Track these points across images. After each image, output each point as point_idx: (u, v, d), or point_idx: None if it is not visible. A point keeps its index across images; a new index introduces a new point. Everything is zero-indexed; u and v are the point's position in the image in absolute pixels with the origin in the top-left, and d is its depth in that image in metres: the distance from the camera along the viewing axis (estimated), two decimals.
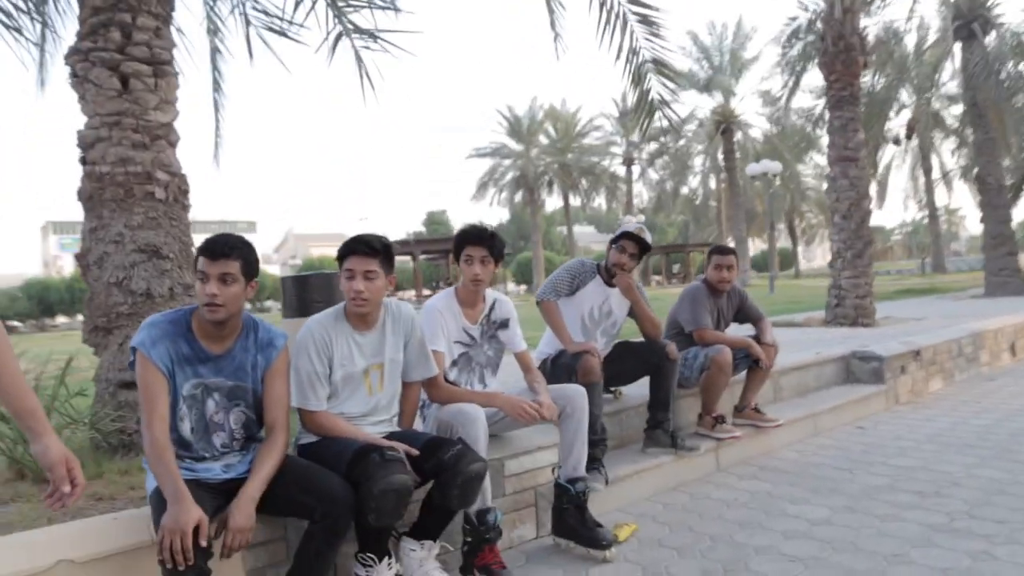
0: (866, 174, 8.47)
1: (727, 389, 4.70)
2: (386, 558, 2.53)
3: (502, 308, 3.39)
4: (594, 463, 3.57)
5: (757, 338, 4.48)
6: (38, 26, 5.45)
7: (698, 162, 38.70)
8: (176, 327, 2.42)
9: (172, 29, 4.09)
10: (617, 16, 5.10)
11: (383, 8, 5.42)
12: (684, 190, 40.49)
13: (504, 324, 3.39)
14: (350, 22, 5.43)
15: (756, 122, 50.65)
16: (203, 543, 2.07)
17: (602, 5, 5.09)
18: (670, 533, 3.34)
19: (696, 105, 40.13)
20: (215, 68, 6.76)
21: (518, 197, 49.03)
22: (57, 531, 2.37)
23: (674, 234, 75.67)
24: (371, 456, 2.43)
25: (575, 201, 49.52)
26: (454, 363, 3.25)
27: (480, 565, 2.76)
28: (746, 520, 3.43)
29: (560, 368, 3.78)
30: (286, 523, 2.60)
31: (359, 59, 5.59)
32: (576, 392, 3.19)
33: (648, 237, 3.90)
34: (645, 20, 5.22)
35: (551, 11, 5.57)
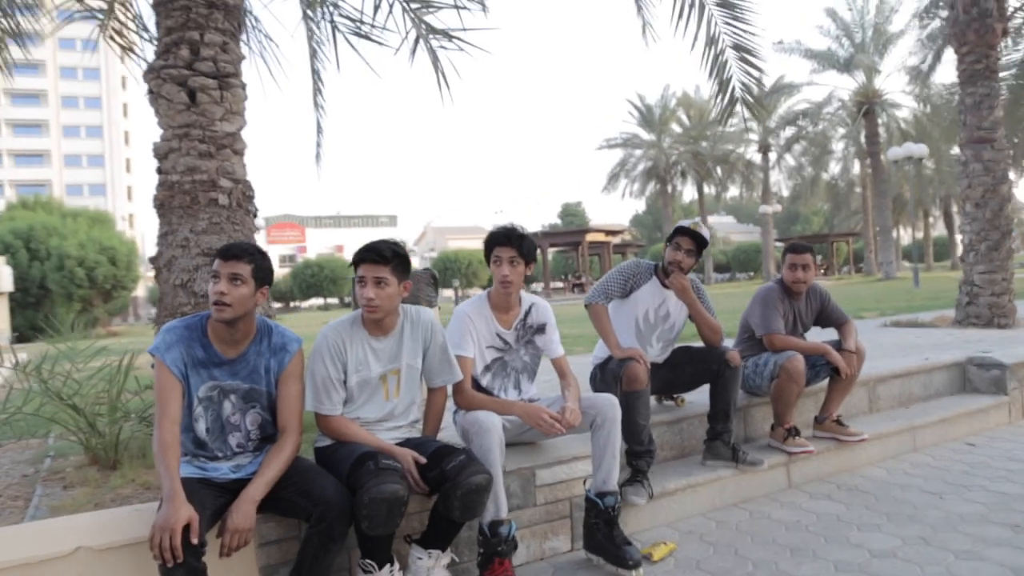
0: (1004, 156, 7.52)
1: (808, 398, 4.39)
2: (388, 565, 2.53)
3: (538, 313, 3.30)
4: (638, 476, 3.42)
5: (839, 344, 4.11)
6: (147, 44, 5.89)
7: (840, 147, 36.32)
8: (191, 332, 2.52)
9: (243, 41, 4.30)
10: (692, 2, 4.81)
11: (456, 7, 5.42)
12: (825, 176, 38.11)
13: (540, 329, 3.30)
14: (424, 23, 5.49)
15: (904, 102, 46.91)
16: (193, 541, 2.15)
17: None
18: (712, 555, 3.13)
19: (835, 86, 37.73)
20: (315, 75, 7.04)
21: (650, 188, 48.19)
22: (79, 520, 2.54)
23: (819, 223, 71.77)
24: (366, 464, 2.44)
25: (710, 190, 48.02)
26: (487, 368, 3.20)
27: None
28: (800, 545, 3.15)
29: (608, 374, 3.64)
30: (300, 522, 2.65)
31: (435, 59, 5.65)
32: (606, 402, 3.05)
33: (705, 233, 3.67)
34: (725, 3, 4.91)
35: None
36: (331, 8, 6.07)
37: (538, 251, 3.36)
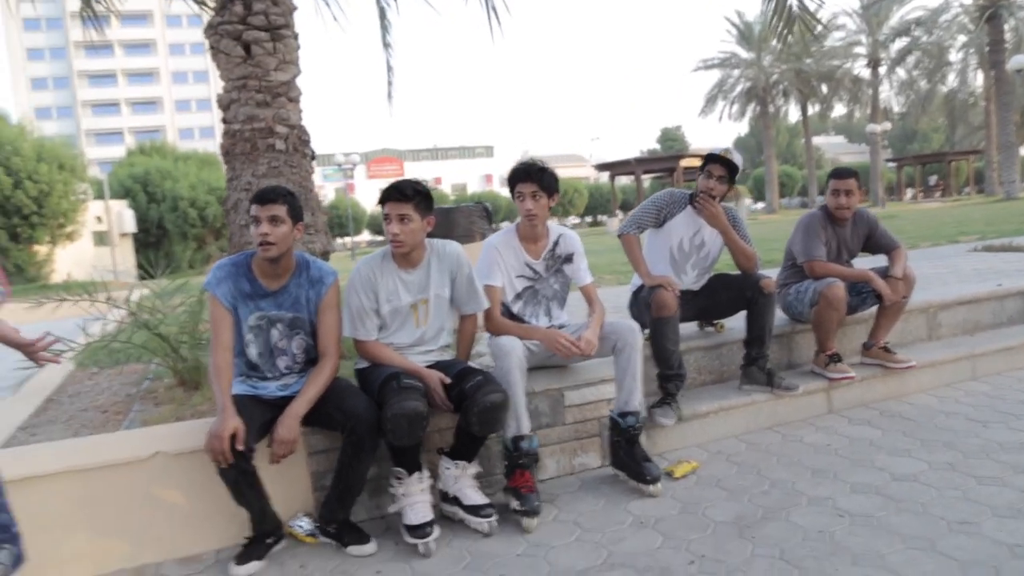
0: None
1: (859, 325, 4.36)
2: (417, 472, 2.81)
3: (566, 243, 3.44)
4: (667, 398, 3.56)
5: (888, 270, 4.04)
6: None
7: (959, 57, 33.42)
8: (237, 268, 2.82)
9: None
10: None
11: None
12: (942, 90, 35.28)
13: (568, 258, 3.44)
14: None
15: None
16: (238, 447, 2.48)
17: None
18: (735, 474, 3.26)
19: None
20: (381, 14, 7.16)
21: (750, 110, 46.05)
22: (158, 430, 2.96)
23: (940, 140, 66.88)
24: (391, 384, 2.70)
25: (814, 110, 45.42)
26: (519, 296, 3.38)
27: (511, 487, 2.94)
28: (823, 468, 3.23)
29: (640, 302, 3.76)
30: None
31: None
32: (626, 328, 3.19)
33: (737, 159, 3.67)
34: None
35: None
36: None
37: (632, 178, 3.46)
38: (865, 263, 4.30)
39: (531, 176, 3.18)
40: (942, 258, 7.57)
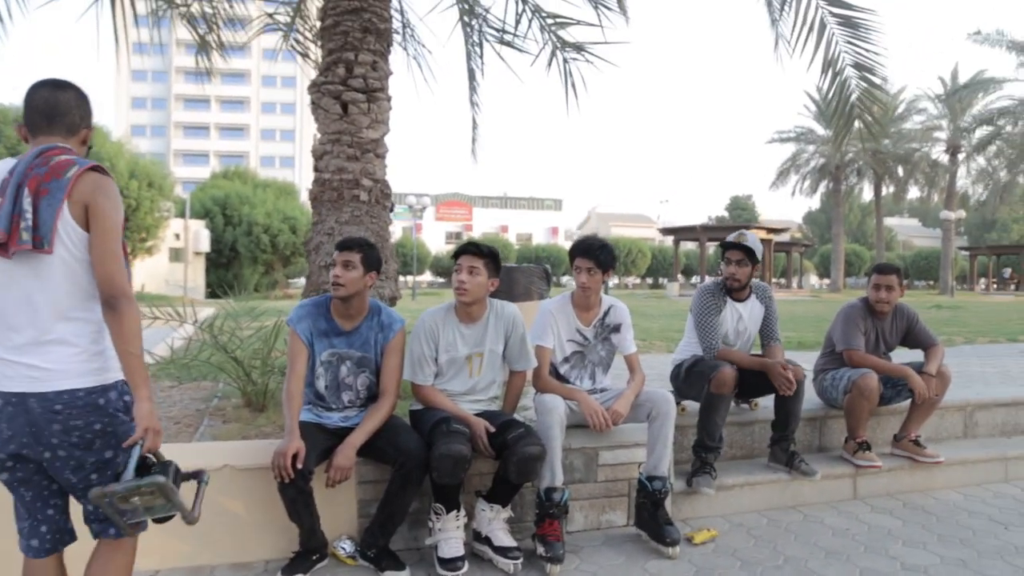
0: None
1: (893, 416, 4.49)
2: (455, 511, 3.09)
3: (615, 314, 3.72)
4: (706, 467, 3.75)
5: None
6: None
7: None
8: (317, 308, 3.21)
9: (401, 45, 4.98)
10: (811, 24, 4.94)
11: (596, 23, 5.83)
12: (1022, 181, 34.53)
13: (616, 328, 3.71)
14: (557, 37, 5.96)
15: None
16: (298, 466, 2.80)
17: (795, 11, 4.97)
18: (752, 546, 3.43)
19: None
20: (471, 75, 7.64)
21: (822, 186, 45.82)
22: (227, 445, 3.32)
23: (1021, 232, 64.99)
24: (440, 427, 3.01)
25: (888, 191, 44.90)
26: (567, 359, 3.67)
27: (540, 534, 3.19)
28: (838, 550, 3.38)
29: (695, 375, 3.92)
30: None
31: (567, 71, 6.10)
32: (662, 398, 3.44)
33: (749, 241, 3.93)
34: (848, 23, 4.98)
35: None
36: (481, 20, 6.66)
37: (696, 243, 3.71)
38: (905, 357, 4.45)
39: (589, 253, 3.49)
40: (994, 356, 7.55)
